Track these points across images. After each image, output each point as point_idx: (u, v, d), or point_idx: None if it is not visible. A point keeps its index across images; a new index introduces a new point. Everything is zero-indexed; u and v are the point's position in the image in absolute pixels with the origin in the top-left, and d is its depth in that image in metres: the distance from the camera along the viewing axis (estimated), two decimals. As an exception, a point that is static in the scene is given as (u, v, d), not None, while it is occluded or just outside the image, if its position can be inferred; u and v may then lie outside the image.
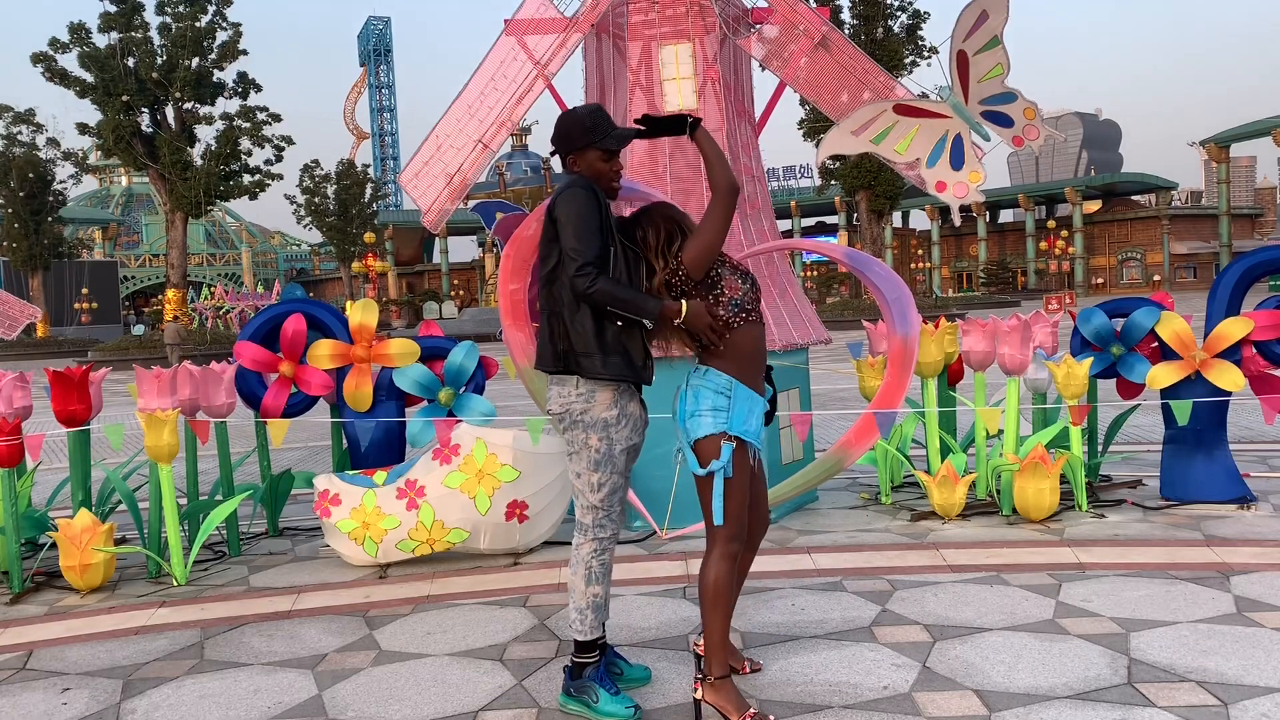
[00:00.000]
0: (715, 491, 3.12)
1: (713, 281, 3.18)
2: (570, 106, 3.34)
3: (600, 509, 3.24)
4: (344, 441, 5.95)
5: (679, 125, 3.25)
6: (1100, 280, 72.80)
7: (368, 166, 65.15)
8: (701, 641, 3.43)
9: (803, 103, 30.56)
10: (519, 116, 6.21)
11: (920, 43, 38.73)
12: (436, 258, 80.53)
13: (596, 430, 3.18)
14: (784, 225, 71.05)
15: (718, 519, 3.14)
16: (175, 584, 5.09)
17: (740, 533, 3.18)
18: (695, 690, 3.17)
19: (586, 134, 3.19)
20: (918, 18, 38.91)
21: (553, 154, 3.31)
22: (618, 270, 3.11)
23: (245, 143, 35.37)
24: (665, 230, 3.22)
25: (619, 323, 3.11)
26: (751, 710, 3.10)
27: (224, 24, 35.34)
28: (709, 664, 3.16)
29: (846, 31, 36.70)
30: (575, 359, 3.15)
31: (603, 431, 3.18)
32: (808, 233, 77.34)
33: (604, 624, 3.37)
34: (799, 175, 69.75)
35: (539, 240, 3.29)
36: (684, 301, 3.10)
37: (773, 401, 3.37)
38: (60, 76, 33.85)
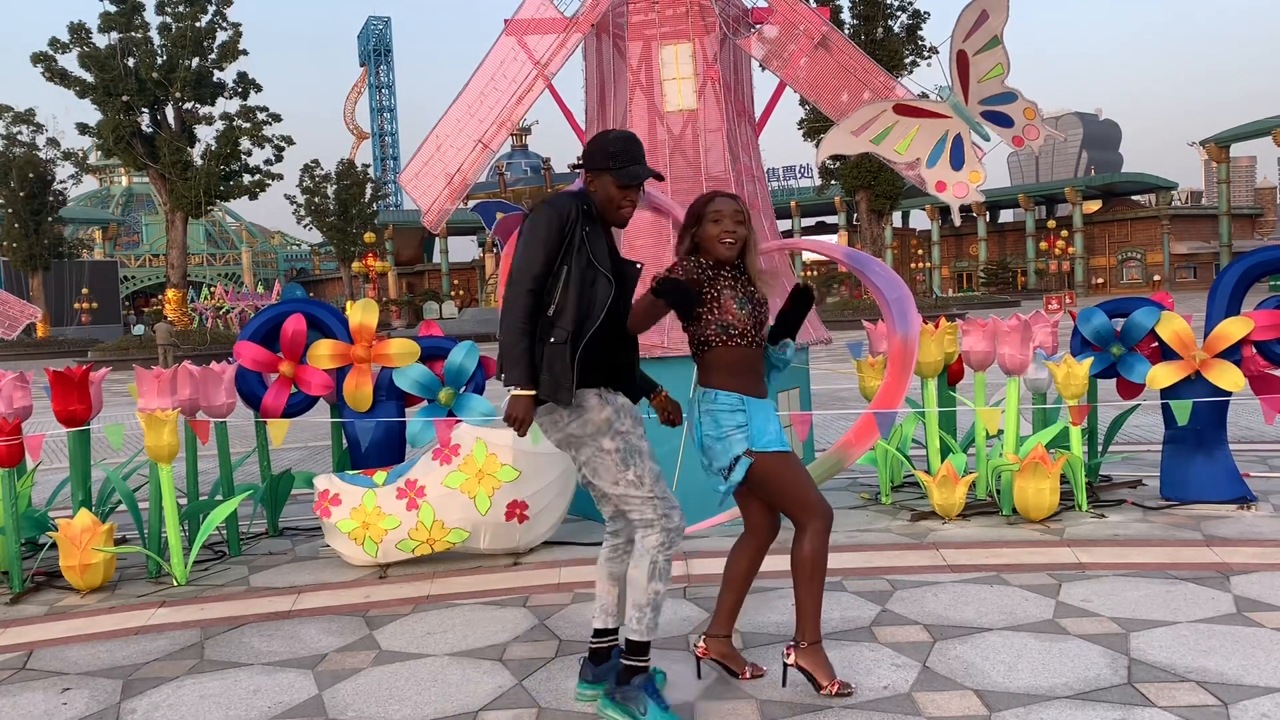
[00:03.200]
0: (778, 494, 3.26)
1: (710, 299, 3.25)
2: (605, 129, 3.42)
3: (657, 498, 3.19)
4: (344, 441, 5.95)
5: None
6: (1100, 280, 72.76)
7: (368, 166, 65.11)
8: (703, 644, 3.49)
9: (803, 103, 30.57)
10: (519, 116, 6.21)
11: (920, 43, 38.73)
12: (436, 258, 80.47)
13: (604, 434, 3.17)
14: (784, 225, 71.00)
15: (793, 514, 3.26)
16: (175, 584, 5.09)
17: (820, 508, 3.23)
18: (787, 656, 3.31)
19: (608, 159, 3.20)
20: (918, 18, 38.91)
21: (574, 168, 3.30)
22: (565, 291, 3.10)
23: (245, 143, 35.38)
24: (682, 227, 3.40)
25: (552, 340, 3.10)
26: (839, 680, 3.27)
27: (224, 24, 35.37)
28: (803, 629, 3.27)
29: (846, 31, 36.69)
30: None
31: (609, 431, 3.17)
32: (808, 233, 77.25)
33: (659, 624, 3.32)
34: (799, 175, 69.61)
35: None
36: (526, 392, 3.06)
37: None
38: (60, 76, 33.87)
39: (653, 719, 3.14)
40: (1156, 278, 68.21)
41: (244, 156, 35.66)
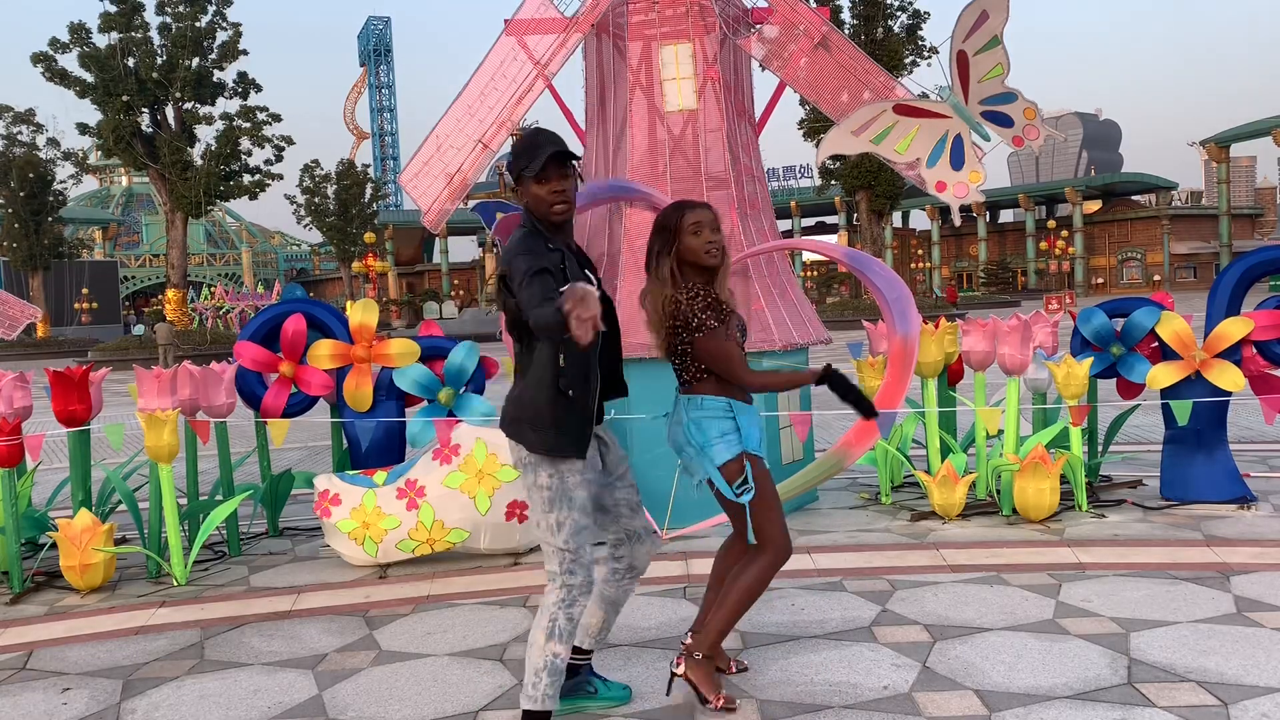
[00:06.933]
0: (756, 510, 3.16)
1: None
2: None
3: (567, 551, 2.94)
4: (344, 441, 5.95)
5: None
6: (1100, 280, 72.77)
7: (368, 166, 65.13)
8: (690, 639, 3.32)
9: (803, 103, 30.55)
10: (519, 116, 6.21)
11: (920, 43, 38.73)
12: (436, 258, 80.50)
13: (545, 466, 2.96)
14: (784, 225, 70.96)
15: (762, 536, 3.19)
16: (175, 584, 5.09)
17: (784, 543, 3.21)
18: (677, 665, 3.26)
19: (517, 162, 2.95)
20: (918, 18, 38.92)
21: (512, 189, 3.06)
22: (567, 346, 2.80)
23: (245, 143, 35.36)
24: (652, 242, 3.25)
25: (570, 392, 2.90)
26: (725, 694, 3.22)
27: (224, 24, 35.35)
28: (703, 641, 3.22)
29: (846, 31, 36.68)
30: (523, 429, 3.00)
31: (552, 467, 2.96)
32: (808, 233, 77.24)
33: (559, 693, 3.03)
34: (799, 175, 69.54)
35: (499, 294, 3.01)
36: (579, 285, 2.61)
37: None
38: (60, 76, 33.84)
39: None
40: (1156, 278, 68.21)
41: (244, 156, 35.63)
